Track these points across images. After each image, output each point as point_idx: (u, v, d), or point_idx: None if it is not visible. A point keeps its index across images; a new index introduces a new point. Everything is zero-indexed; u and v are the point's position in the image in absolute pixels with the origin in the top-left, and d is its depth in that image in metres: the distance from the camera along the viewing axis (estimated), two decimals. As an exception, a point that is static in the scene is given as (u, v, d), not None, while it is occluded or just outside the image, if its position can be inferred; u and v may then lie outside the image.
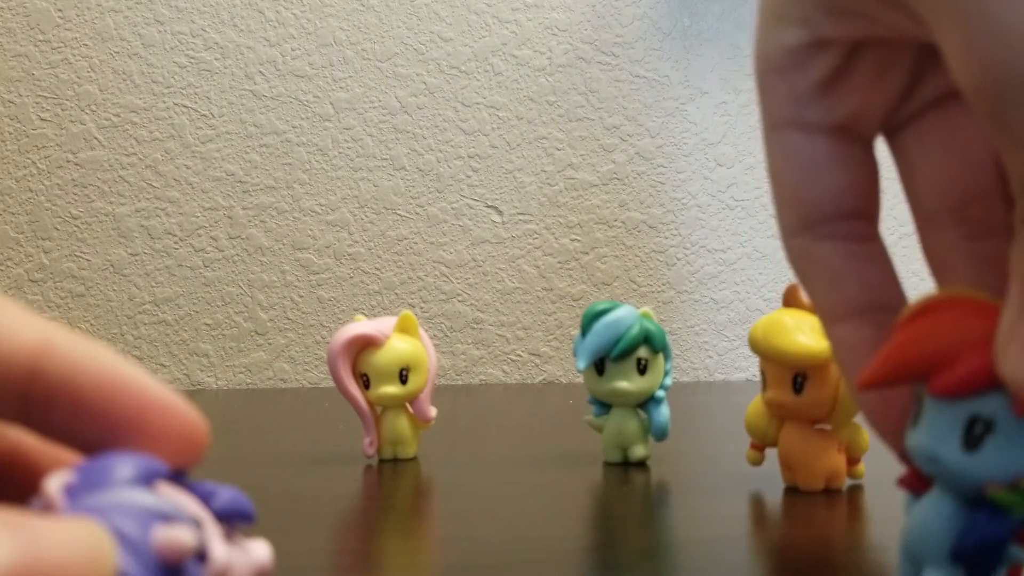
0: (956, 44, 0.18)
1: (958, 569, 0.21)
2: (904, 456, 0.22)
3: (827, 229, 0.24)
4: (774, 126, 0.24)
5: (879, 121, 0.24)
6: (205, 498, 0.16)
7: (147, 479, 0.14)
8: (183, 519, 0.14)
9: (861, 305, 0.23)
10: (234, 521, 0.16)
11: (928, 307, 0.21)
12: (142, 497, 0.14)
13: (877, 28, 0.21)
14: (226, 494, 0.16)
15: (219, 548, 0.15)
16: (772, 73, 0.23)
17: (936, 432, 0.21)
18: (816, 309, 0.25)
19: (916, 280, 0.37)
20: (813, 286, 0.24)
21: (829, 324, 0.24)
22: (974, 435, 0.20)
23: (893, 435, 0.23)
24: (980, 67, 0.18)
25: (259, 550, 0.16)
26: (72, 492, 0.14)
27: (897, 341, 0.21)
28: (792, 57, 0.22)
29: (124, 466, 0.14)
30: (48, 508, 0.14)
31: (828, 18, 0.21)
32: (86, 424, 0.15)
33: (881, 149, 0.24)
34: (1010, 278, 0.19)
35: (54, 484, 0.14)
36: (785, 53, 0.22)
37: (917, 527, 0.21)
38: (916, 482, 0.22)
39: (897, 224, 0.61)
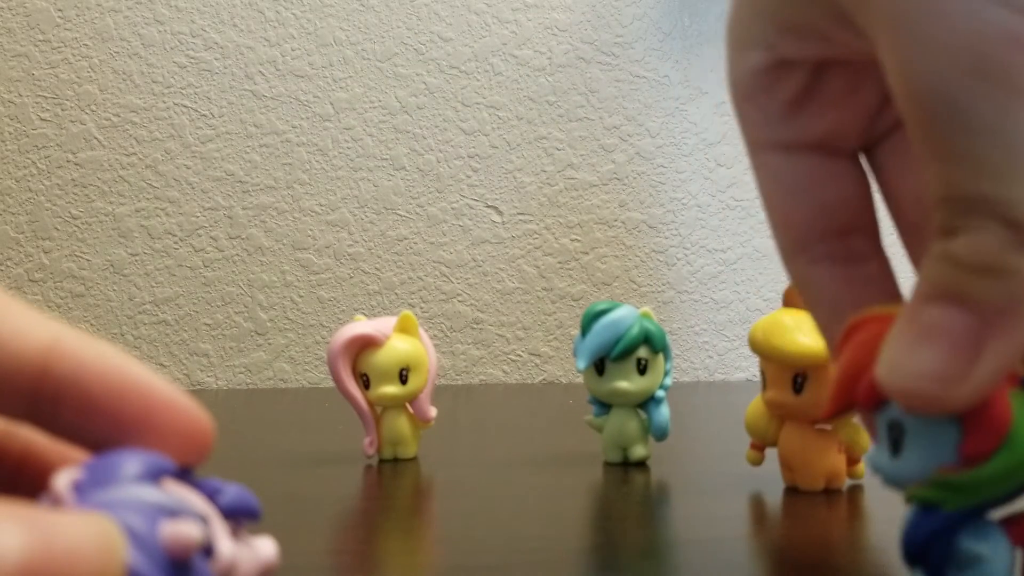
0: (890, 59, 0.19)
1: (920, 570, 0.21)
2: None
3: (823, 249, 0.24)
4: (755, 149, 0.24)
5: (857, 136, 0.24)
6: (211, 495, 0.16)
7: (154, 476, 0.14)
8: (190, 515, 0.14)
9: None
10: (240, 518, 0.16)
11: (852, 328, 0.21)
12: (149, 493, 0.14)
13: (834, 47, 0.21)
14: (232, 491, 0.16)
15: (226, 544, 0.15)
16: (744, 97, 0.23)
17: (878, 444, 0.21)
18: (822, 336, 0.25)
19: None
20: (815, 314, 0.25)
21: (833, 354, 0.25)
22: (894, 440, 0.20)
23: None
24: (907, 81, 0.18)
25: (265, 547, 0.16)
26: (80, 488, 0.14)
27: (838, 371, 0.21)
28: (760, 79, 0.23)
29: (131, 463, 0.14)
30: (57, 504, 0.14)
31: (787, 39, 0.22)
32: (94, 422, 0.15)
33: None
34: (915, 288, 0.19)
35: (63, 480, 0.14)
36: (753, 76, 0.23)
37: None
38: None
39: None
